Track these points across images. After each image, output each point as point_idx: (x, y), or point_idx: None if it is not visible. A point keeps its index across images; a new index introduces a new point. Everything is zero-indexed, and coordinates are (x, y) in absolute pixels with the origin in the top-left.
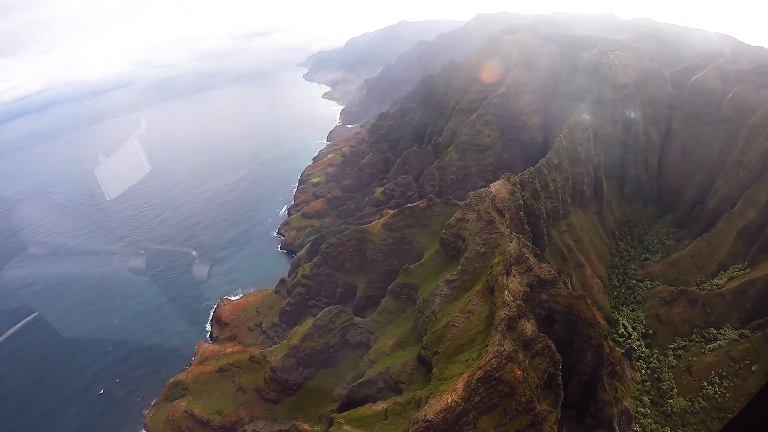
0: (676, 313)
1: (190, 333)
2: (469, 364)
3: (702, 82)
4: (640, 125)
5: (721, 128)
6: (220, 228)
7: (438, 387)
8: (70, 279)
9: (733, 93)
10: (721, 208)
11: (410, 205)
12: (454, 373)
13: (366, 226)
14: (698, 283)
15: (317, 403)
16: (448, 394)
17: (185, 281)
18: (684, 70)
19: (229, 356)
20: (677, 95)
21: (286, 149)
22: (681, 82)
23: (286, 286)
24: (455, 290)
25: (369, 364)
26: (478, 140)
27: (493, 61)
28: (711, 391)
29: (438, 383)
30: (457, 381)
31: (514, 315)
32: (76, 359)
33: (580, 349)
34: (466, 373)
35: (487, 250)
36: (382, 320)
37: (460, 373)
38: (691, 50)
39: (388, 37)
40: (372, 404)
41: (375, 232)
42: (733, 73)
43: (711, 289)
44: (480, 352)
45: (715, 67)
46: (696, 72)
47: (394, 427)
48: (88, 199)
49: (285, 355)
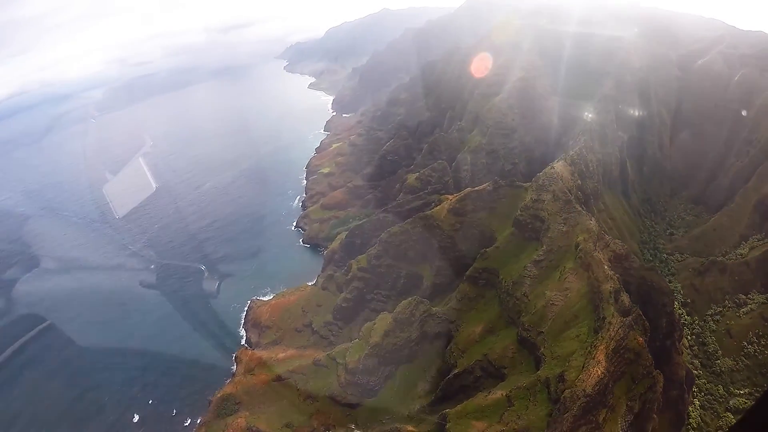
0: (709, 282)
1: (224, 340)
2: (581, 339)
3: (709, 65)
4: (654, 106)
5: (729, 109)
6: (233, 225)
7: (562, 364)
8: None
9: (740, 76)
10: (735, 183)
11: (477, 188)
12: (567, 350)
13: (430, 212)
14: (723, 253)
15: (401, 402)
16: (594, 368)
17: (204, 286)
18: (688, 54)
19: (284, 362)
20: (685, 78)
21: (284, 140)
22: (686, 65)
23: (334, 281)
24: (543, 270)
25: (459, 354)
26: (504, 124)
27: (506, 45)
28: (751, 350)
29: (554, 362)
30: (596, 354)
31: (618, 287)
32: (100, 385)
33: (656, 317)
34: (602, 345)
35: (569, 228)
36: (462, 308)
37: (575, 349)
38: (688, 35)
39: (371, 26)
40: (485, 393)
41: (442, 218)
42: (737, 57)
43: (735, 258)
44: (590, 327)
45: (719, 52)
46: (700, 56)
47: (525, 413)
48: (76, 201)
49: (366, 354)
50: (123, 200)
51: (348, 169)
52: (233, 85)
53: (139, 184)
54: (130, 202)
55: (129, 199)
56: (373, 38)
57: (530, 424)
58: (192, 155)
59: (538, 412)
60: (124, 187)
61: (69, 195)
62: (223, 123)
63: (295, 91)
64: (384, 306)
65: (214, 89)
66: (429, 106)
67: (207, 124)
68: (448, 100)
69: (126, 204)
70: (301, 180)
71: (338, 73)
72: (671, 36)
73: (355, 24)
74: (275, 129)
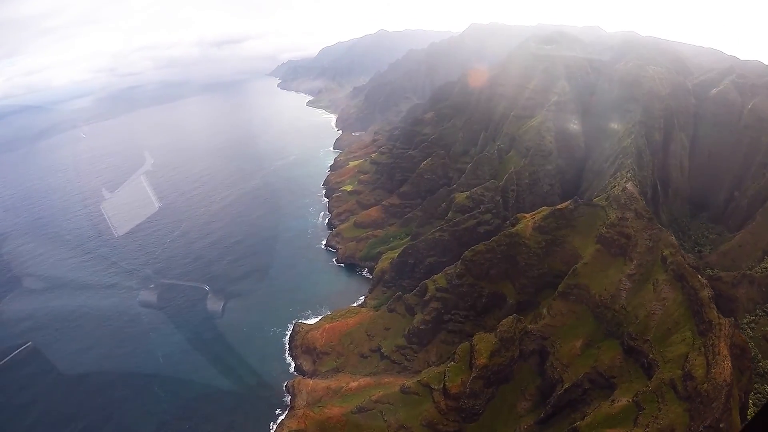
0: (741, 293)
1: (268, 369)
2: (687, 343)
3: (723, 94)
4: (676, 132)
5: (744, 135)
6: (255, 244)
7: (680, 365)
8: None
9: (752, 104)
10: (754, 204)
11: (558, 206)
12: (678, 353)
13: (514, 230)
14: (750, 267)
15: (504, 424)
16: (723, 361)
17: (236, 309)
18: (701, 84)
19: (360, 392)
20: (700, 105)
21: (293, 157)
22: (701, 94)
23: (403, 303)
24: (636, 283)
25: (563, 369)
26: (542, 146)
27: (532, 70)
28: None
29: (668, 365)
30: (719, 350)
31: (713, 294)
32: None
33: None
34: (721, 342)
35: (654, 244)
36: (555, 324)
37: (686, 351)
38: (697, 65)
39: (368, 46)
40: (608, 403)
41: (527, 236)
42: (748, 87)
43: (761, 271)
44: (693, 331)
45: (731, 82)
46: (712, 85)
47: (660, 414)
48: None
49: (473, 377)
50: (123, 218)
51: (378, 187)
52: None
53: (140, 204)
54: (131, 221)
55: (129, 217)
56: (372, 58)
57: (672, 422)
58: (195, 170)
59: (674, 410)
60: (123, 205)
61: (59, 209)
62: (223, 137)
63: (295, 108)
64: (462, 327)
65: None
66: (461, 126)
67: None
68: (480, 121)
69: (126, 222)
70: (320, 197)
71: (337, 91)
72: (682, 65)
73: (351, 44)
74: (281, 145)
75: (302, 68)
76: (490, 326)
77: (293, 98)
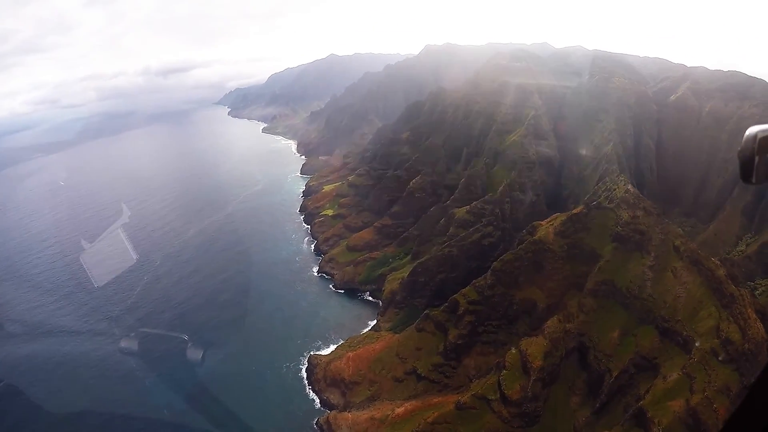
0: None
1: (291, 408)
2: (715, 316)
3: (683, 100)
4: (645, 138)
5: (705, 135)
6: (247, 280)
7: (715, 335)
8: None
9: (709, 107)
10: (721, 196)
11: (573, 211)
12: (708, 326)
13: (537, 237)
14: (727, 252)
15: (562, 419)
16: (756, 323)
17: (239, 350)
18: (660, 91)
19: (410, 418)
20: (662, 111)
21: (261, 184)
22: (661, 100)
23: (432, 321)
24: (657, 273)
25: (607, 359)
26: (527, 158)
27: (511, 87)
28: None
29: (701, 337)
30: (748, 315)
31: (726, 272)
32: None
33: None
34: (748, 309)
35: (665, 236)
36: (589, 320)
37: (715, 323)
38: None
39: (319, 71)
40: (661, 380)
41: (551, 241)
42: (703, 92)
43: (738, 254)
44: (717, 305)
45: (688, 88)
46: (671, 92)
47: (710, 378)
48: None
49: (533, 380)
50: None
51: (365, 209)
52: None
53: (118, 256)
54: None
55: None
56: (325, 83)
57: (725, 381)
58: (159, 206)
59: (723, 372)
60: (98, 253)
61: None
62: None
63: (251, 135)
64: (496, 336)
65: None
66: (441, 144)
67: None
68: (459, 137)
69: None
70: (300, 224)
71: (292, 117)
72: (639, 75)
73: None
74: (245, 173)
75: (252, 95)
76: (522, 332)
77: (246, 126)
